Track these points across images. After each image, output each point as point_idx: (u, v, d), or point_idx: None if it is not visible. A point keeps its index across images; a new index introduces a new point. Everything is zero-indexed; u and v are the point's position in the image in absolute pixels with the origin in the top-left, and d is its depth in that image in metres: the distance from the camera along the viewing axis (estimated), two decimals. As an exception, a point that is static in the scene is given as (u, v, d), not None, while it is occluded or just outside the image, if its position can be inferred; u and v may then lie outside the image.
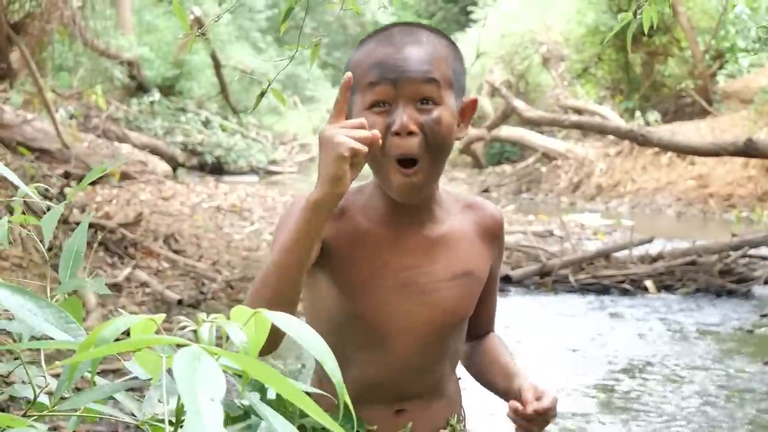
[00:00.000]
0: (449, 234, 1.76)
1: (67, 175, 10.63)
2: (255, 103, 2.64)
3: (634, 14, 2.58)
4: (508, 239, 9.46)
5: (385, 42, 1.67)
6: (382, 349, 1.73)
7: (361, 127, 1.52)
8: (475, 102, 1.75)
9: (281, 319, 1.12)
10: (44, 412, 1.20)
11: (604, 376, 5.92)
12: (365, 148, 1.51)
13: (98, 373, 1.31)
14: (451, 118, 1.66)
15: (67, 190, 9.01)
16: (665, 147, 10.65)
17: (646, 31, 2.68)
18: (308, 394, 1.20)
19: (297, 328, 1.12)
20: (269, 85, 2.34)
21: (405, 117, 1.61)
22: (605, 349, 6.58)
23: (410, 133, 1.62)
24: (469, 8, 26.71)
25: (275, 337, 1.47)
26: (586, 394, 5.53)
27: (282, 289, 1.56)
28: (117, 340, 1.13)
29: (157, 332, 1.16)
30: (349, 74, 1.57)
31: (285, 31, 2.39)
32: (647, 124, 16.87)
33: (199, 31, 2.42)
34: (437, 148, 1.65)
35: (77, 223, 7.41)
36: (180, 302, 6.53)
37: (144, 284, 6.85)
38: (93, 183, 11.76)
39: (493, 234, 1.81)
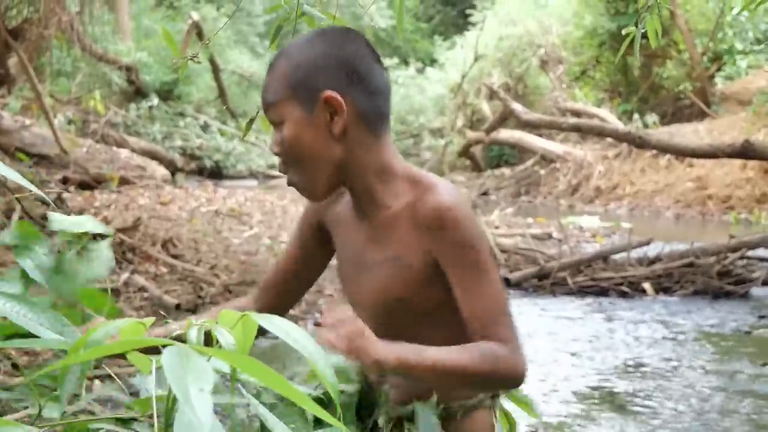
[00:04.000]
0: (388, 219, 1.84)
1: (65, 181, 10.65)
2: (245, 130, 2.69)
3: (636, 24, 2.57)
4: (506, 242, 9.45)
5: None
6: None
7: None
8: (329, 97, 1.77)
9: (271, 323, 1.12)
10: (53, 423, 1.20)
11: (602, 378, 5.92)
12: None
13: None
14: (293, 129, 1.78)
15: (65, 195, 9.02)
16: (663, 149, 10.66)
17: (653, 45, 2.66)
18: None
19: (288, 331, 1.12)
20: (258, 111, 2.42)
21: (270, 142, 1.84)
22: (603, 352, 6.58)
23: (277, 153, 1.82)
24: (468, 11, 26.74)
25: None
26: (584, 396, 5.53)
27: None
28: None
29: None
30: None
31: (276, 47, 2.49)
32: (645, 126, 16.89)
33: (191, 56, 2.52)
34: (295, 158, 1.80)
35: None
36: (178, 307, 6.53)
37: (142, 289, 6.85)
38: (92, 188, 11.78)
39: (427, 225, 1.79)
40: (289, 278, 2.03)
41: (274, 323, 1.12)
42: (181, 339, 1.11)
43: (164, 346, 0.94)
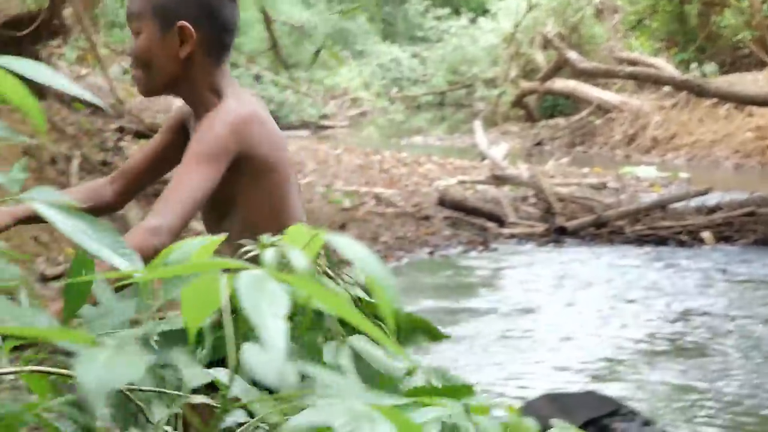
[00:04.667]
0: (201, 126, 2.07)
1: (121, 130, 10.70)
2: (311, 60, 2.77)
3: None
4: (562, 190, 9.36)
5: None
6: None
7: None
8: (183, 26, 2.08)
9: (338, 240, 1.09)
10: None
11: (662, 326, 5.87)
12: None
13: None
14: (147, 42, 2.10)
15: (122, 143, 9.07)
16: (722, 96, 10.49)
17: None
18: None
19: (353, 248, 1.09)
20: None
21: (130, 47, 2.15)
22: (661, 300, 6.51)
23: (130, 55, 2.16)
24: (521, -40, 26.34)
25: None
26: (642, 342, 5.49)
27: None
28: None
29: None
30: None
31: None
32: (704, 75, 16.59)
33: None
34: (142, 64, 2.12)
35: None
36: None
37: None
38: (147, 137, 11.85)
39: None
40: (144, 168, 2.29)
41: (342, 242, 1.09)
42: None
43: (238, 271, 0.93)
